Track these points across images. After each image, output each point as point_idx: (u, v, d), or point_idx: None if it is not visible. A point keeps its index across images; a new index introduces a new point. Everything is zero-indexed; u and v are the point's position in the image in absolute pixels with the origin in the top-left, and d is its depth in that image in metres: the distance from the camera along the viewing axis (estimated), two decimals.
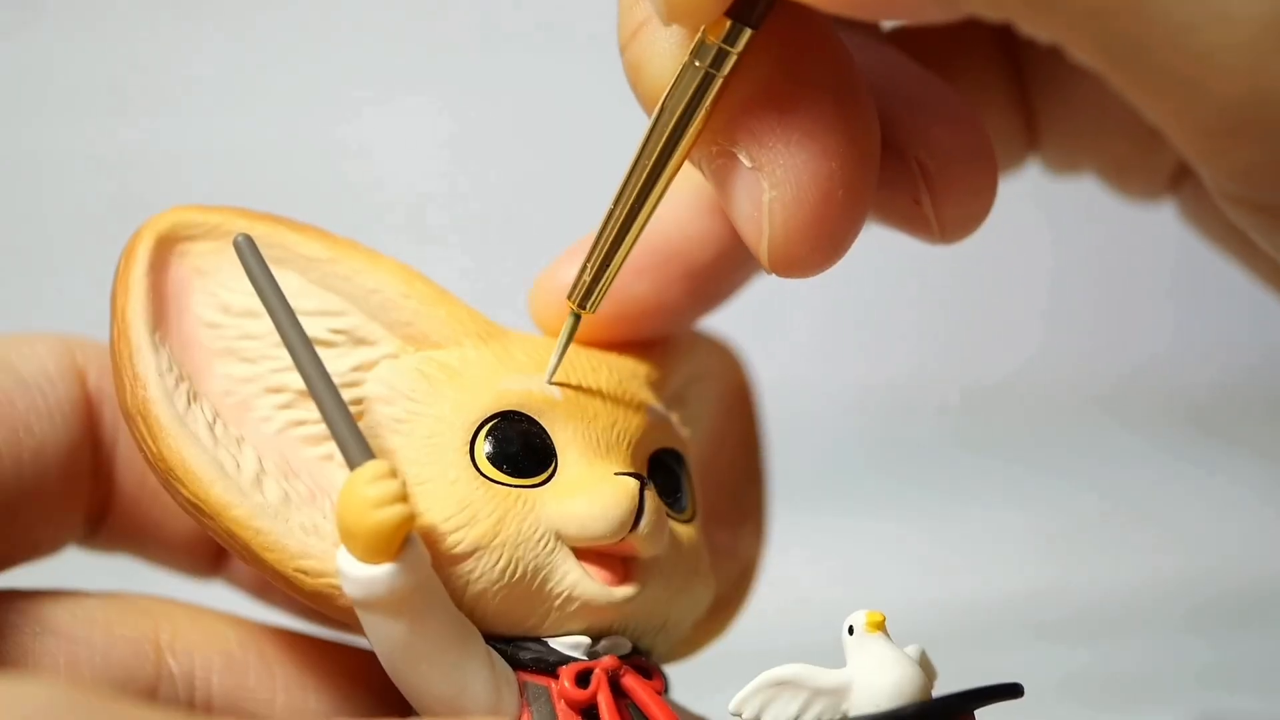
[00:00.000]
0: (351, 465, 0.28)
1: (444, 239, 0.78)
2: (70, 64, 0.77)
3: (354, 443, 0.28)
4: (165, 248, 0.31)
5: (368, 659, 0.29)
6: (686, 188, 0.32)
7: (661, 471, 0.31)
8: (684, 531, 0.31)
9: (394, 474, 0.27)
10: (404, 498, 0.27)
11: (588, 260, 0.30)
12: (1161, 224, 0.40)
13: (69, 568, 0.33)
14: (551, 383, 0.31)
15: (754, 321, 0.35)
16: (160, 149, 0.77)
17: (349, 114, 0.80)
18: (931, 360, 0.85)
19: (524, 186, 0.81)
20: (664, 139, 0.28)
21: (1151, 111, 0.25)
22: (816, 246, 0.28)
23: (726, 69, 0.27)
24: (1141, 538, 0.68)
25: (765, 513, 0.36)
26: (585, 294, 0.30)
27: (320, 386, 0.28)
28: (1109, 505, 0.72)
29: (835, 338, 0.77)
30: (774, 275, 0.29)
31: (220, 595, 0.34)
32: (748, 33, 0.27)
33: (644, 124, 0.29)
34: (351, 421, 0.28)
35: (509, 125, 0.81)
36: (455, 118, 0.81)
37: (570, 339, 0.31)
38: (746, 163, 0.28)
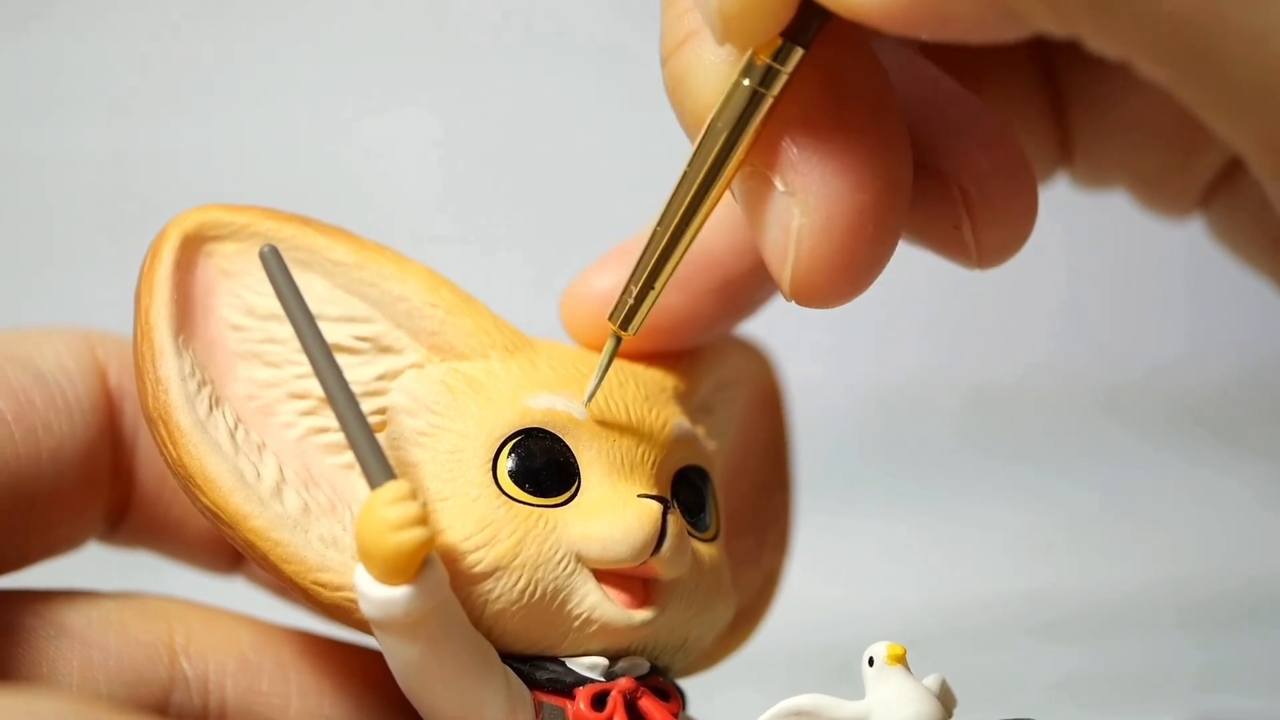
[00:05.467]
0: (372, 485, 0.27)
1: (446, 242, 0.78)
2: (77, 66, 0.77)
3: (375, 462, 0.27)
4: (191, 248, 0.30)
5: (383, 663, 0.29)
6: (721, 199, 0.31)
7: (686, 489, 0.31)
8: (706, 551, 0.31)
9: (414, 495, 0.27)
10: (424, 520, 0.27)
11: (630, 281, 0.29)
12: (1171, 227, 0.40)
13: (82, 565, 0.33)
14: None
15: (762, 321, 0.35)
16: (165, 151, 0.77)
17: (352, 118, 0.80)
18: (939, 362, 0.85)
19: (527, 191, 0.81)
20: (711, 158, 0.28)
21: (1222, 125, 0.24)
22: (840, 278, 0.28)
23: (776, 89, 0.27)
24: (1145, 539, 0.68)
25: (790, 520, 0.36)
26: (628, 316, 0.30)
27: (343, 404, 0.28)
28: (1113, 507, 0.72)
29: (844, 338, 0.77)
30: (794, 303, 0.28)
31: (240, 592, 0.34)
32: (799, 52, 0.27)
33: (642, 130, 0.28)
34: (373, 440, 0.28)
35: (511, 130, 0.81)
36: (457, 123, 0.81)
37: (610, 362, 0.30)
38: (780, 187, 0.27)
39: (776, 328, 0.37)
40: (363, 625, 0.28)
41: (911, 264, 0.34)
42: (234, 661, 0.31)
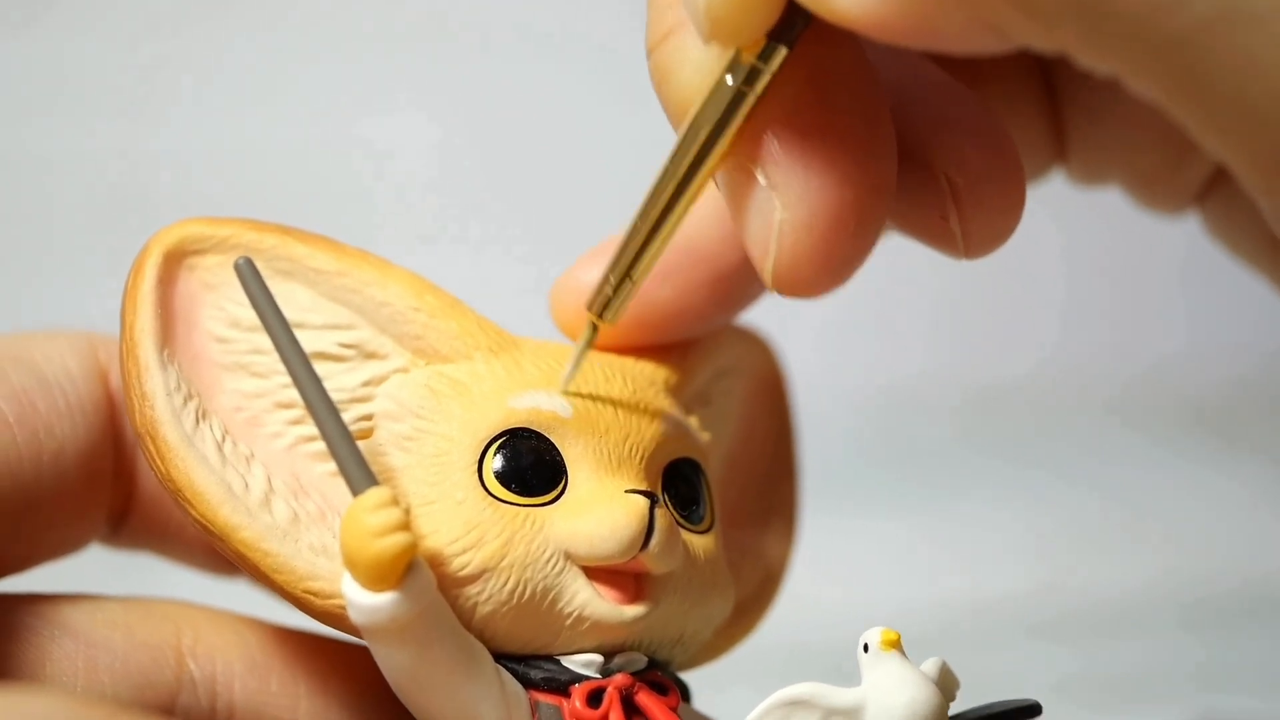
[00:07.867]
0: (354, 492, 0.27)
1: (445, 242, 0.78)
2: (78, 66, 0.77)
3: (356, 469, 0.27)
4: (173, 262, 0.30)
5: None
6: (714, 191, 0.31)
7: (678, 482, 0.31)
8: (700, 543, 0.31)
9: (395, 502, 0.27)
10: (405, 526, 0.27)
11: (609, 271, 0.30)
12: (1171, 226, 0.40)
13: (84, 567, 0.33)
14: (564, 393, 0.30)
15: (761, 318, 0.35)
16: (165, 151, 0.77)
17: (352, 118, 0.80)
18: (939, 362, 0.85)
19: (526, 191, 0.81)
20: (692, 154, 0.28)
21: (1212, 144, 0.24)
22: (821, 271, 0.28)
23: (760, 87, 0.27)
24: (1145, 540, 0.68)
25: (796, 509, 0.36)
26: (605, 305, 0.30)
27: (322, 412, 0.28)
28: (1113, 507, 0.72)
29: (844, 337, 0.77)
30: (776, 294, 0.29)
31: (245, 594, 0.34)
32: (783, 51, 0.27)
33: (642, 128, 0.28)
34: (353, 447, 0.28)
35: (510, 130, 0.81)
36: (456, 123, 0.81)
37: (587, 349, 0.30)
38: (762, 181, 0.27)
39: (775, 327, 0.37)
40: (357, 631, 0.28)
41: (912, 263, 0.34)
42: (242, 663, 0.31)
